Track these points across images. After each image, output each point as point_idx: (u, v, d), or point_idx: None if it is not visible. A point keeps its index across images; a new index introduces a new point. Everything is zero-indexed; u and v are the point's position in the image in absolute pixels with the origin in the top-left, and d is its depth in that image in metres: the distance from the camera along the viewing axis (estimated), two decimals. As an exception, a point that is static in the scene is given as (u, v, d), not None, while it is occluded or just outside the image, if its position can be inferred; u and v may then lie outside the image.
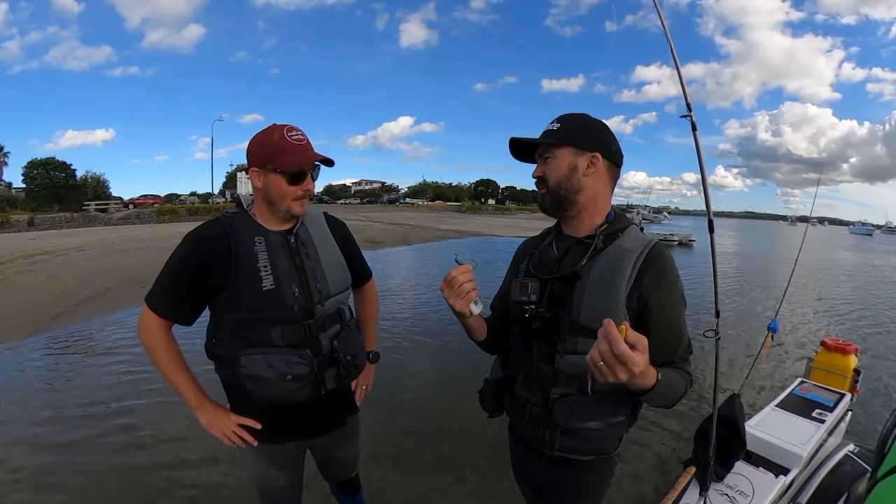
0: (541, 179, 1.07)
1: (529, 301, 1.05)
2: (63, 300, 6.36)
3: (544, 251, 1.13)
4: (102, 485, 2.43)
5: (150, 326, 1.17)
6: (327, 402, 1.30)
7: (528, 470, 1.23)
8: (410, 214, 35.09)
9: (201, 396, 1.25)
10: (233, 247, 1.14)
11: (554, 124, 1.06)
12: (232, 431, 1.24)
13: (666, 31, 1.13)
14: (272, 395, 1.19)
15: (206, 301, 1.18)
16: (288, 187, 1.16)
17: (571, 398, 1.01)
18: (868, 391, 3.84)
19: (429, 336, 5.34)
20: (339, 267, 1.33)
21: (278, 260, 1.18)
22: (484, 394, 1.19)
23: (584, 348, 0.93)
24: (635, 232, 1.05)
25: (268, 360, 1.16)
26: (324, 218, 1.39)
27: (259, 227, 1.20)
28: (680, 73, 1.15)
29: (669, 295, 0.98)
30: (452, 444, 2.84)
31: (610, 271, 0.98)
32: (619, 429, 1.06)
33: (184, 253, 1.15)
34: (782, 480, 1.63)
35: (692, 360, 1.05)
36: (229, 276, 1.14)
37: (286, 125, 1.16)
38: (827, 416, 2.00)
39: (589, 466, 1.09)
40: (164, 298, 1.16)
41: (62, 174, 27.56)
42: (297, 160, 1.14)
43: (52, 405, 3.36)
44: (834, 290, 10.36)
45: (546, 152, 1.06)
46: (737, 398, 1.65)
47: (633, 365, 0.73)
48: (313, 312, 1.22)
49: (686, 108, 1.14)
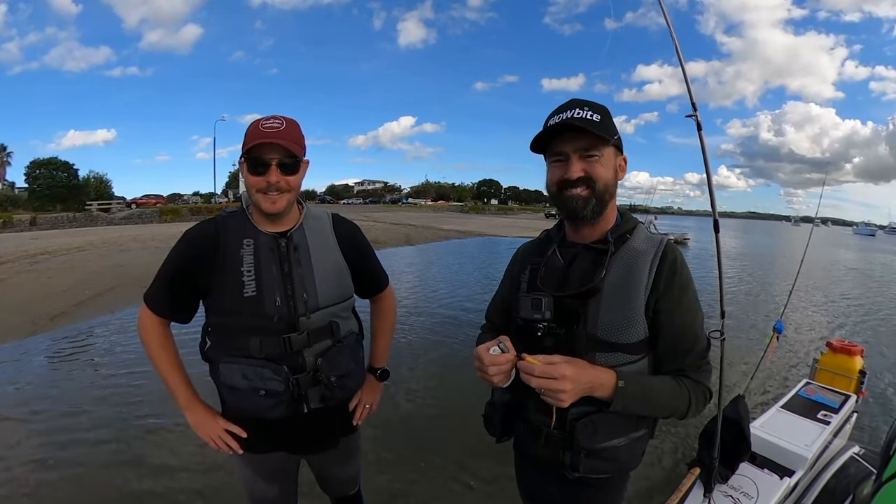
0: (582, 180, 0.91)
1: (543, 318, 0.94)
2: (63, 300, 6.38)
3: (549, 261, 1.03)
4: (100, 485, 2.43)
5: (147, 323, 1.16)
6: (313, 421, 1.21)
7: (539, 491, 1.14)
8: (413, 214, 35.14)
9: (192, 397, 1.21)
10: (221, 248, 1.10)
11: (588, 112, 0.89)
12: (218, 436, 1.19)
13: (671, 29, 1.11)
14: (245, 408, 1.14)
15: (197, 300, 1.16)
16: (250, 177, 1.08)
17: (594, 417, 0.91)
18: (873, 393, 3.82)
19: (430, 334, 5.34)
20: (334, 276, 1.22)
21: (264, 265, 1.11)
22: (490, 419, 1.08)
23: (603, 363, 0.90)
24: (644, 231, 0.99)
25: (244, 371, 1.10)
26: (329, 220, 1.28)
27: (251, 229, 1.14)
28: (685, 71, 1.13)
29: (681, 298, 0.92)
30: (455, 450, 2.83)
31: (626, 280, 0.91)
32: (643, 443, 1.01)
33: (175, 252, 1.13)
34: (787, 482, 1.62)
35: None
36: (213, 278, 1.10)
37: (269, 116, 1.09)
38: (832, 417, 1.99)
39: (608, 483, 1.02)
40: (158, 296, 1.15)
41: (65, 174, 27.73)
42: (252, 145, 1.05)
43: (50, 405, 3.35)
44: (839, 290, 10.31)
45: (593, 148, 0.91)
46: (742, 399, 1.64)
47: (560, 373, 0.82)
48: (296, 325, 1.13)
49: (691, 107, 1.13)
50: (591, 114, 0.89)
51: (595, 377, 0.86)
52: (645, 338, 0.91)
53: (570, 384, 0.82)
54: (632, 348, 0.91)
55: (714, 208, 1.19)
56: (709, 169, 1.16)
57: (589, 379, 0.85)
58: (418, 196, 79.39)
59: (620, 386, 0.86)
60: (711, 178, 1.17)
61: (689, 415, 0.93)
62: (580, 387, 0.84)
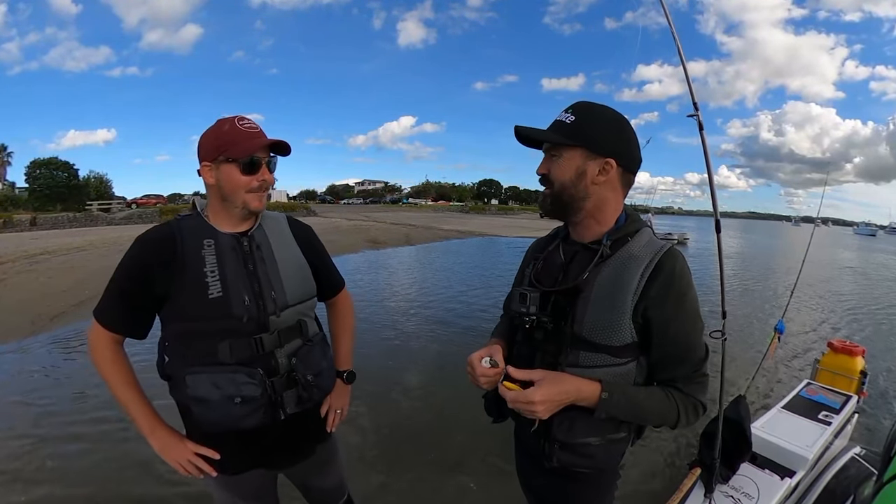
0: (545, 177, 0.97)
1: (528, 313, 0.98)
2: (63, 300, 6.37)
3: (550, 256, 1.06)
4: (98, 483, 2.43)
5: (97, 341, 1.07)
6: (289, 428, 1.16)
7: (531, 478, 1.19)
8: (413, 214, 35.14)
9: (154, 421, 1.12)
10: (179, 250, 1.04)
11: (567, 115, 0.93)
12: (187, 461, 1.11)
13: (672, 29, 1.12)
14: (219, 421, 1.06)
15: (154, 310, 1.07)
16: (241, 177, 1.05)
17: (572, 414, 0.93)
18: (874, 393, 3.82)
19: (430, 334, 5.33)
20: (299, 273, 1.20)
21: (228, 264, 1.06)
22: (488, 399, 1.13)
23: (586, 362, 0.92)
24: (647, 236, 0.96)
25: (214, 380, 1.03)
26: (286, 222, 1.26)
27: (209, 229, 1.09)
28: (686, 71, 1.14)
29: (675, 307, 0.90)
30: (455, 451, 2.82)
31: (614, 283, 0.90)
32: (622, 445, 1.01)
33: (128, 258, 1.05)
34: (788, 483, 1.62)
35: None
36: (174, 281, 1.03)
37: (237, 116, 1.06)
38: (833, 418, 1.99)
39: (591, 479, 1.05)
40: (110, 309, 1.06)
41: (65, 174, 27.70)
42: (249, 146, 1.04)
43: (48, 407, 3.36)
44: (840, 291, 10.29)
45: (553, 149, 0.95)
46: (743, 400, 1.64)
47: (529, 400, 0.86)
48: (267, 325, 1.09)
49: (693, 107, 1.13)
50: (569, 116, 0.93)
51: (577, 392, 0.89)
52: (632, 342, 0.91)
53: (542, 406, 0.87)
54: (617, 351, 0.91)
55: (716, 208, 1.19)
56: (710, 169, 1.16)
57: (566, 397, 0.89)
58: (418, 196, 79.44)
59: (604, 398, 0.89)
60: (713, 178, 1.17)
61: (679, 426, 0.94)
62: (555, 405, 0.89)
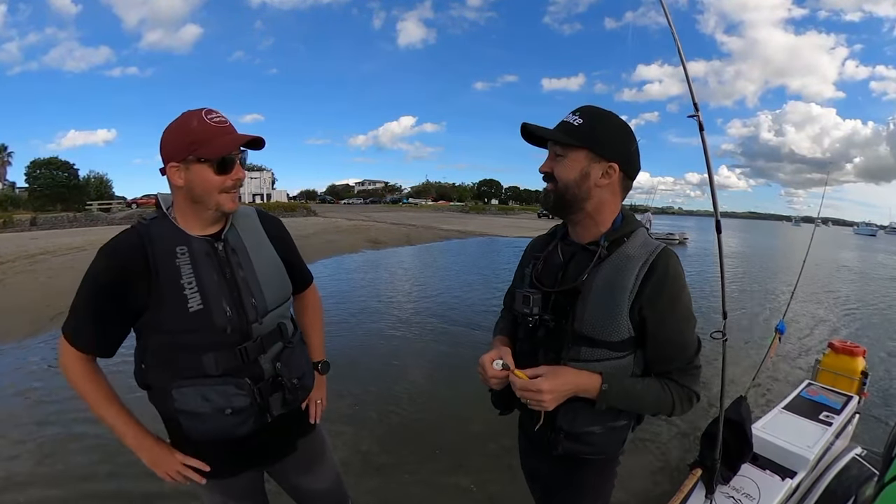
0: (548, 175, 1.00)
1: (532, 313, 1.03)
2: (63, 300, 6.23)
3: (549, 256, 1.11)
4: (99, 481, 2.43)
5: (71, 364, 1.03)
6: (275, 427, 1.16)
7: (535, 465, 1.26)
8: (413, 214, 35.13)
9: (141, 435, 1.09)
10: (151, 259, 0.97)
11: (575, 117, 0.97)
12: (176, 471, 1.10)
13: (672, 29, 1.11)
14: (211, 432, 1.04)
15: (128, 325, 1.02)
16: (215, 178, 0.99)
17: (575, 405, 0.99)
18: (876, 394, 3.82)
19: (430, 334, 5.33)
20: (277, 275, 1.16)
21: (205, 274, 1.01)
22: (495, 393, 1.16)
23: (587, 356, 0.98)
24: (642, 237, 1.01)
25: (203, 394, 1.01)
26: (257, 217, 1.20)
27: (181, 235, 1.02)
28: (686, 71, 1.13)
29: (671, 307, 0.96)
30: (456, 452, 2.80)
31: (612, 283, 0.95)
32: (623, 432, 1.07)
33: (95, 271, 0.99)
34: (789, 483, 1.62)
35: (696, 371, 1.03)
36: (150, 294, 0.97)
37: (204, 108, 0.99)
38: (834, 418, 1.98)
39: (593, 464, 1.12)
40: (82, 329, 1.01)
41: (65, 174, 27.78)
42: (224, 144, 0.97)
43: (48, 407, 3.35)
44: (841, 291, 10.27)
45: (559, 149, 0.98)
46: (743, 400, 1.64)
47: (538, 389, 0.93)
48: (249, 333, 1.06)
49: (693, 107, 1.12)
50: (577, 119, 0.97)
51: (578, 384, 0.96)
52: (630, 337, 0.97)
53: (549, 395, 0.93)
54: (616, 346, 0.97)
55: (716, 209, 1.19)
56: (710, 169, 1.15)
57: (570, 388, 0.95)
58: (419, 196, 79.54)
59: (604, 389, 0.96)
60: (714, 178, 1.16)
61: (675, 414, 1.02)
62: (561, 395, 0.95)
